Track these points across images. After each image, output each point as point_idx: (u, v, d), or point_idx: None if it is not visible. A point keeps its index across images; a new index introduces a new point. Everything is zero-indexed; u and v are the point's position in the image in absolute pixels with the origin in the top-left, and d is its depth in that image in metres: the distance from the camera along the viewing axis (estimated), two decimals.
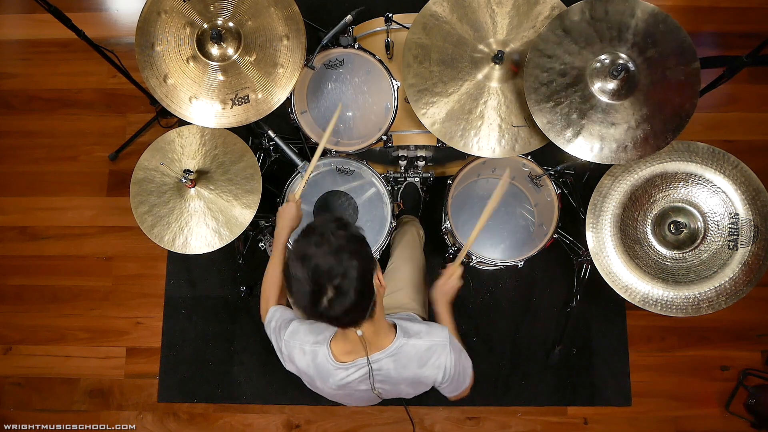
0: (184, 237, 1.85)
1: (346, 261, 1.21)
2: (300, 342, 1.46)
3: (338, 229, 1.26)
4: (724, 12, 2.76)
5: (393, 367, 1.42)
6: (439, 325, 1.52)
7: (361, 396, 1.56)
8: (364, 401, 1.65)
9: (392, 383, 1.47)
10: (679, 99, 1.64)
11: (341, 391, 1.49)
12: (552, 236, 1.98)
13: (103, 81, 2.77)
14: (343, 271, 1.21)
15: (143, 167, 1.91)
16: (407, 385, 1.50)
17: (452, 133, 1.76)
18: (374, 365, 1.41)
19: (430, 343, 1.43)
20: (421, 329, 1.46)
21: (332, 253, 1.22)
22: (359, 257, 1.24)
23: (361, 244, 1.29)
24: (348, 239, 1.26)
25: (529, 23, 1.76)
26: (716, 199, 1.79)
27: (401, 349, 1.41)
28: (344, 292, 1.21)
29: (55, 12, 1.93)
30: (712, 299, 1.76)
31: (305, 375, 1.50)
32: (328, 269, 1.21)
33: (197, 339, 2.51)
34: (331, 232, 1.25)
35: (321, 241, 1.24)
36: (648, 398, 2.45)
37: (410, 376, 1.44)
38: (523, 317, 2.49)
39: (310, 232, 1.28)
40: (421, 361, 1.43)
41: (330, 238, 1.24)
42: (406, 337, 1.42)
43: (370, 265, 1.28)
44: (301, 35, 1.74)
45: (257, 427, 2.46)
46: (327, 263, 1.21)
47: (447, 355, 1.43)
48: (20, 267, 2.63)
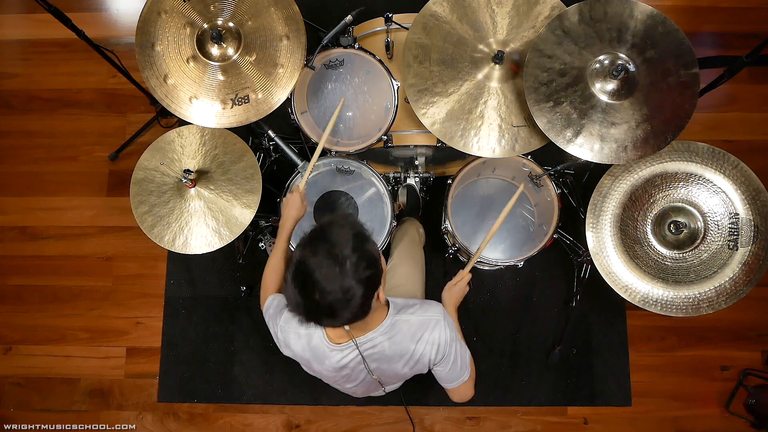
0: (184, 237, 1.85)
1: (352, 290, 1.18)
2: (295, 327, 1.46)
3: (354, 252, 1.18)
4: (724, 12, 2.76)
5: (388, 345, 1.42)
6: (434, 302, 1.52)
7: (361, 381, 1.56)
8: (365, 386, 1.65)
9: (388, 361, 1.47)
10: (679, 99, 1.64)
11: (338, 373, 1.50)
12: (552, 236, 1.98)
13: (103, 81, 2.77)
14: (346, 300, 1.18)
15: (143, 167, 1.91)
16: (404, 364, 1.49)
17: (452, 133, 1.76)
18: (369, 343, 1.41)
19: (423, 317, 1.43)
20: (414, 304, 1.46)
21: (339, 281, 1.17)
22: (366, 285, 1.20)
23: (373, 266, 1.23)
24: (360, 263, 1.19)
25: (529, 23, 1.76)
26: (716, 199, 1.79)
27: (394, 325, 1.41)
28: (338, 316, 1.21)
29: (55, 12, 1.93)
30: (712, 299, 1.76)
31: (302, 359, 1.51)
32: (331, 301, 1.18)
33: (197, 339, 2.51)
34: (346, 256, 1.17)
35: (332, 264, 1.17)
36: (648, 398, 2.45)
37: (405, 352, 1.44)
38: (523, 317, 2.49)
39: (322, 245, 1.20)
40: (415, 336, 1.43)
41: (343, 262, 1.17)
42: (399, 312, 1.42)
43: (375, 288, 1.25)
44: (301, 35, 1.74)
45: (257, 427, 2.46)
46: (332, 294, 1.17)
47: (441, 330, 1.43)
48: (20, 267, 2.63)
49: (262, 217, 2.21)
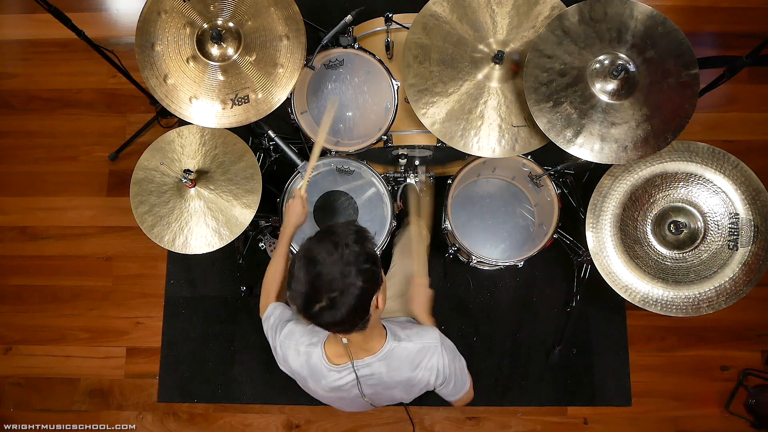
0: (184, 237, 1.85)
1: (350, 278, 1.20)
2: (295, 343, 1.46)
3: (355, 243, 1.24)
4: (724, 12, 2.76)
5: (386, 371, 1.42)
6: (430, 327, 1.53)
7: (352, 401, 1.55)
8: (356, 407, 1.64)
9: (385, 387, 1.47)
10: (679, 99, 1.64)
11: (333, 393, 1.49)
12: (552, 236, 1.98)
13: (103, 81, 2.77)
14: (343, 287, 1.20)
15: (143, 167, 1.91)
16: (401, 389, 1.49)
17: (452, 133, 1.76)
18: (366, 369, 1.41)
19: (420, 345, 1.43)
20: (411, 332, 1.46)
21: (340, 266, 1.21)
22: (364, 277, 1.22)
23: (372, 263, 1.26)
24: (360, 255, 1.23)
25: (529, 23, 1.76)
26: (716, 199, 1.79)
27: (392, 352, 1.41)
28: (337, 306, 1.21)
29: (55, 12, 1.93)
30: (712, 299, 1.76)
31: (298, 376, 1.50)
32: (330, 280, 1.20)
33: (197, 339, 2.51)
34: (346, 244, 1.23)
35: (333, 250, 1.22)
36: (648, 398, 2.45)
37: (403, 379, 1.44)
38: (523, 317, 2.49)
39: (326, 236, 1.26)
40: (413, 364, 1.43)
41: (343, 249, 1.22)
42: (397, 340, 1.42)
43: (373, 287, 1.26)
44: (301, 35, 1.74)
45: (257, 427, 2.46)
46: (330, 274, 1.20)
47: (439, 356, 1.43)
48: (20, 267, 2.63)
49: (262, 217, 2.21)
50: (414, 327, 1.51)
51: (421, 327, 1.53)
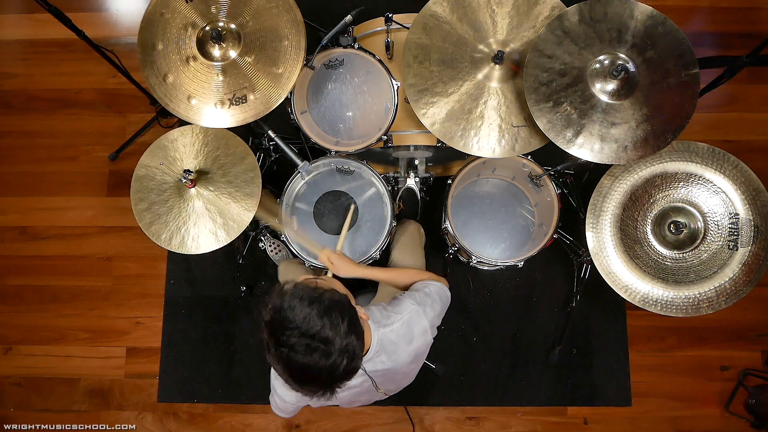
0: (181, 236, 1.85)
1: (348, 344, 1.19)
2: None
3: (332, 328, 1.17)
4: (724, 12, 2.76)
5: (387, 359, 1.43)
6: (402, 296, 1.54)
7: (365, 391, 1.56)
8: (369, 397, 1.65)
9: (394, 372, 1.48)
10: (679, 99, 1.64)
11: (347, 392, 1.50)
12: (552, 236, 1.98)
13: (103, 81, 2.77)
14: (346, 351, 1.19)
15: (145, 165, 1.91)
16: (408, 365, 1.51)
17: (452, 133, 1.76)
18: (368, 365, 1.42)
19: (403, 318, 1.45)
20: (389, 312, 1.47)
21: (333, 353, 1.17)
22: (348, 326, 1.19)
23: (342, 313, 1.20)
24: (345, 336, 1.19)
25: (529, 23, 1.76)
26: (716, 199, 1.79)
27: (382, 341, 1.42)
28: (341, 363, 1.19)
29: (55, 12, 1.93)
30: (712, 299, 1.76)
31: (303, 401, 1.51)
32: (334, 361, 1.18)
33: (197, 339, 2.51)
34: (322, 334, 1.16)
35: (311, 345, 1.15)
36: (648, 398, 2.45)
37: (406, 357, 1.46)
38: (523, 317, 2.49)
39: (288, 328, 1.17)
40: (408, 338, 1.44)
41: (321, 338, 1.16)
42: (381, 327, 1.43)
43: (353, 321, 1.23)
44: (301, 35, 1.74)
45: (257, 427, 2.46)
46: (325, 360, 1.17)
47: (422, 317, 1.46)
48: (20, 267, 2.63)
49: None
50: (388, 305, 1.52)
51: (396, 300, 1.53)
